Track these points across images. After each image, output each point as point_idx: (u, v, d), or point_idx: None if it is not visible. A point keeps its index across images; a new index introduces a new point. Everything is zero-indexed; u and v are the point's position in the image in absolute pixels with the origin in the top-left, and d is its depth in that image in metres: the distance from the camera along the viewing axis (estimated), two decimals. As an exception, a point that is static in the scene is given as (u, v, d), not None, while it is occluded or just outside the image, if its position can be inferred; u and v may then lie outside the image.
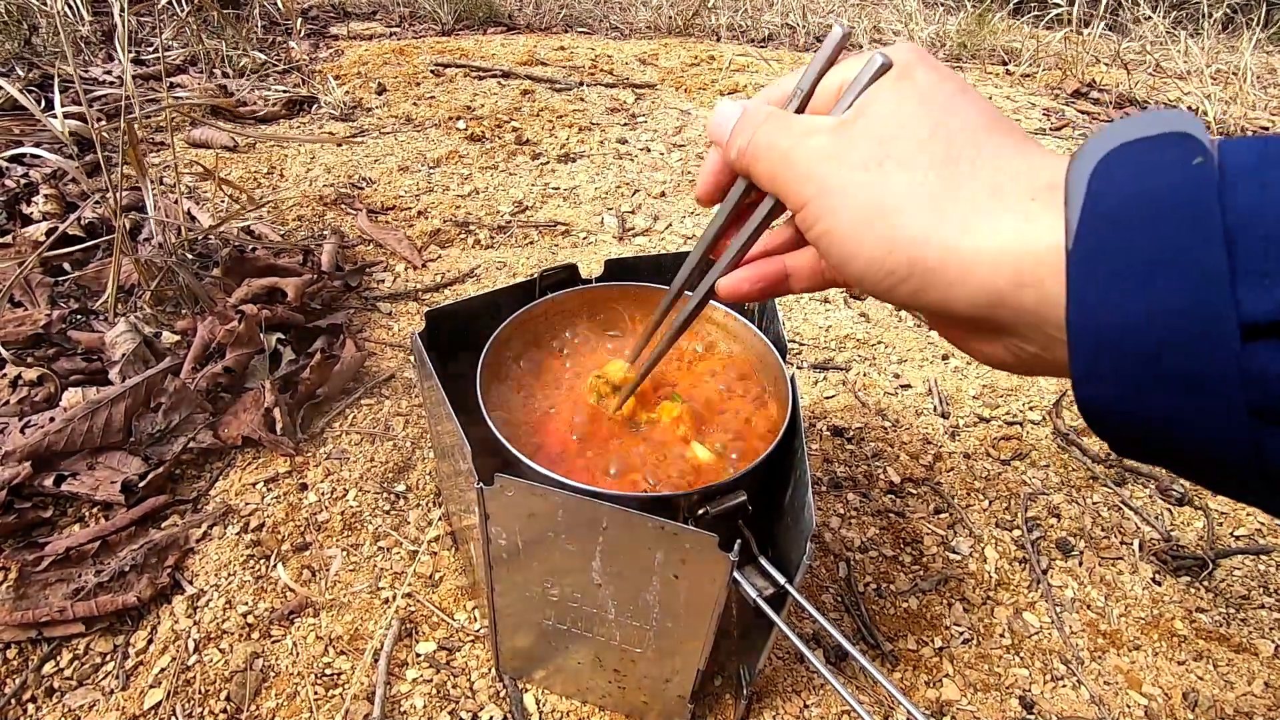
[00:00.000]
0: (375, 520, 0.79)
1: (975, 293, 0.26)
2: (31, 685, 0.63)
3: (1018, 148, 0.27)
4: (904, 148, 0.28)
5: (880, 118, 0.29)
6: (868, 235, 0.28)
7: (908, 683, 0.68)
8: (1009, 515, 0.86)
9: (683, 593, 0.49)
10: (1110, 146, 0.24)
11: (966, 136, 0.28)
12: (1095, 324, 0.22)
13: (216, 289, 1.05)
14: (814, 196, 0.30)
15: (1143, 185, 0.22)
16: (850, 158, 0.29)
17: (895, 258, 0.27)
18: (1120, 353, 0.22)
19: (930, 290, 0.27)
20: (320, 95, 1.87)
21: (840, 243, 0.29)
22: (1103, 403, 0.23)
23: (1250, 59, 2.51)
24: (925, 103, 0.29)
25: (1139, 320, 0.21)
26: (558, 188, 1.54)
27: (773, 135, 0.32)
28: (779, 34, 3.03)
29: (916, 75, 0.30)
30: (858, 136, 0.29)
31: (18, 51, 1.86)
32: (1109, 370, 0.22)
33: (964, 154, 0.27)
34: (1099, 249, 0.22)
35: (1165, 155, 0.22)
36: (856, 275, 0.29)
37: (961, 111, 0.28)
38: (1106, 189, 0.23)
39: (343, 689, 0.63)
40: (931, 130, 0.28)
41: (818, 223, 0.30)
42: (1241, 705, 0.67)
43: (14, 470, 0.75)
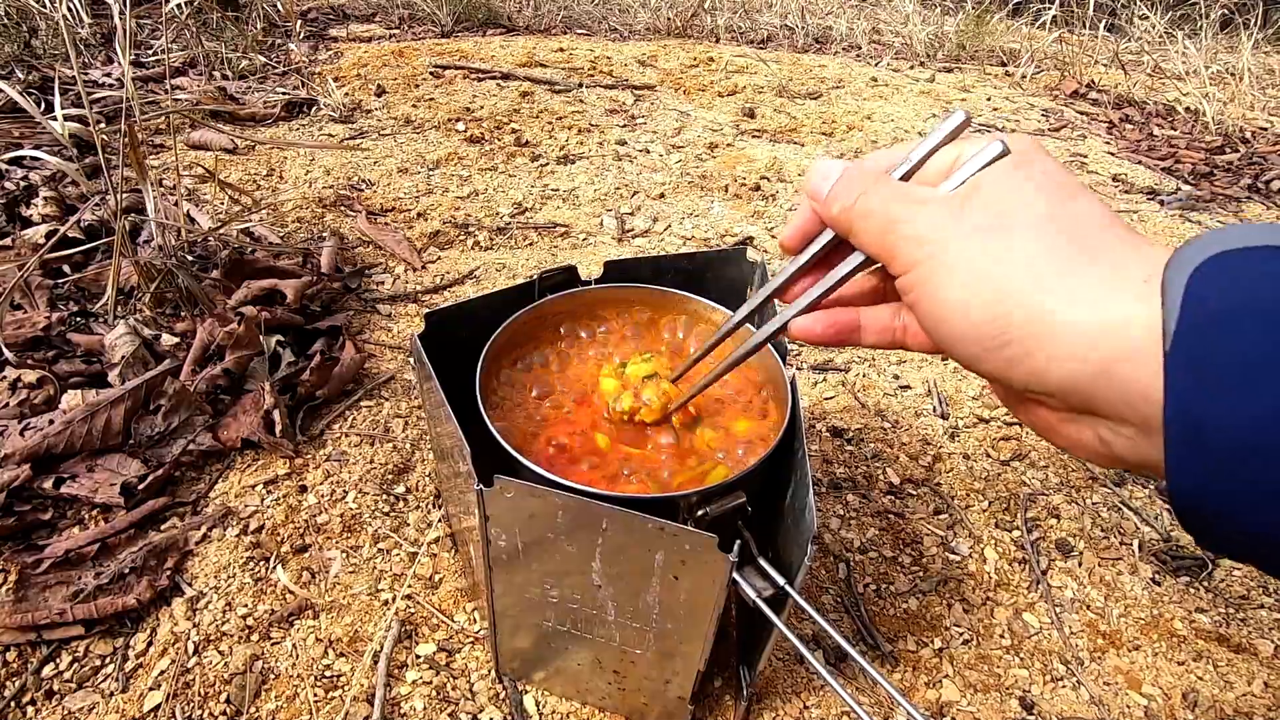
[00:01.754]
0: (375, 522, 0.79)
1: (1079, 364, 0.26)
2: (31, 688, 0.63)
3: (1132, 238, 0.28)
4: (1025, 222, 0.29)
5: (999, 195, 0.30)
6: (976, 300, 0.29)
7: (907, 683, 0.68)
8: (1008, 516, 0.86)
9: (683, 594, 0.49)
10: (1208, 254, 0.24)
11: (1086, 221, 0.28)
12: (1192, 422, 0.23)
13: (216, 291, 1.05)
14: (924, 259, 0.30)
15: (1240, 295, 0.23)
16: (968, 226, 0.30)
17: (1000, 322, 0.28)
18: (1218, 452, 0.22)
19: (1030, 359, 0.27)
20: (320, 97, 1.87)
21: (941, 306, 0.30)
22: (1198, 498, 0.24)
23: (1249, 59, 2.52)
24: (1044, 188, 0.30)
25: (1237, 423, 0.22)
26: (557, 189, 1.54)
27: (884, 201, 0.33)
28: (778, 35, 3.03)
29: (1035, 165, 0.30)
30: (977, 207, 0.30)
31: (17, 54, 1.86)
32: (1205, 467, 0.23)
33: (1085, 235, 0.28)
34: (1198, 352, 0.23)
35: (1262, 266, 0.23)
36: (954, 337, 0.30)
37: (1079, 200, 0.29)
38: (1204, 294, 0.23)
39: (342, 691, 0.63)
40: (1050, 212, 0.29)
41: (925, 284, 0.30)
42: (1241, 705, 0.67)
43: (13, 472, 0.75)
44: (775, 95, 2.21)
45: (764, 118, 2.03)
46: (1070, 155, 1.92)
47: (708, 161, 1.73)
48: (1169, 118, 2.28)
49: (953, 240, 0.30)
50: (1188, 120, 2.25)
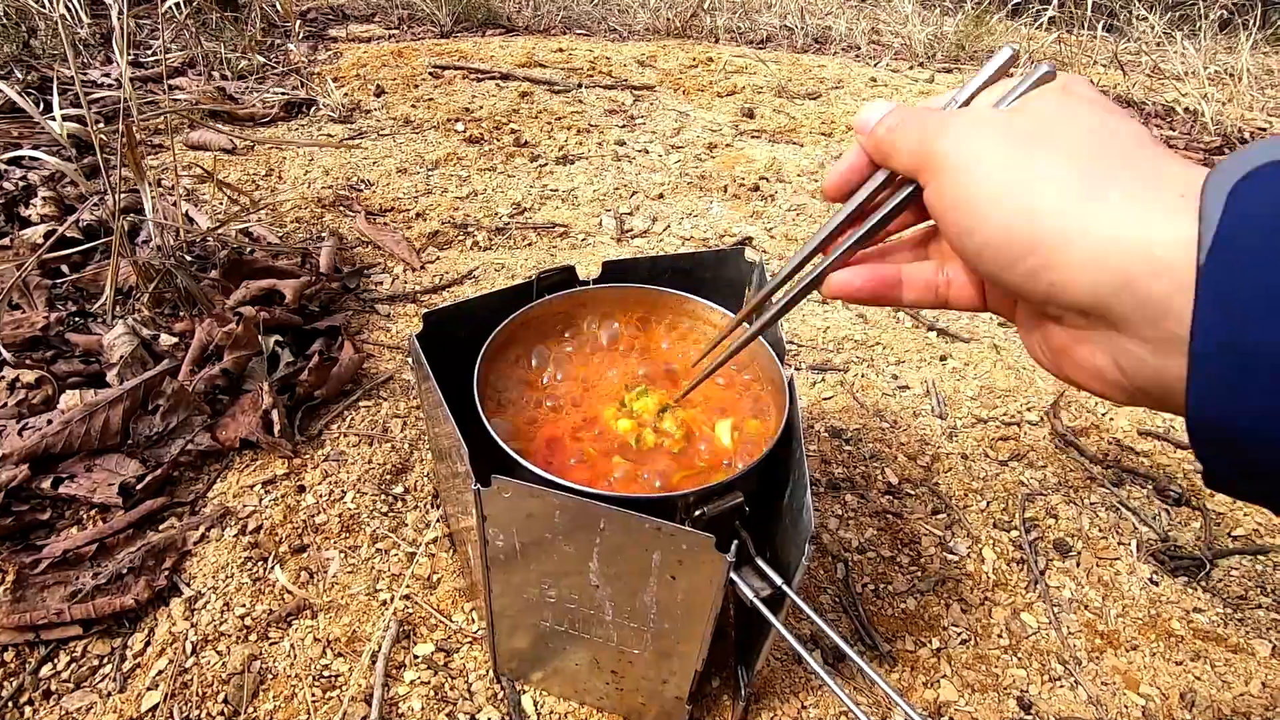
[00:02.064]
0: (373, 522, 0.79)
1: (1101, 275, 0.25)
2: (29, 688, 0.63)
3: (1174, 158, 0.27)
4: (1064, 134, 0.28)
5: (1045, 110, 0.29)
6: (1002, 206, 0.28)
7: (905, 683, 0.68)
8: (1007, 516, 0.86)
9: (680, 594, 0.49)
10: (1254, 165, 0.23)
11: (1127, 139, 0.28)
12: (1220, 343, 0.22)
13: (215, 291, 1.05)
14: (956, 163, 0.30)
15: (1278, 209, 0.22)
16: (1005, 133, 0.29)
17: (1026, 231, 0.27)
18: (1245, 375, 0.22)
19: (1052, 270, 0.27)
20: (319, 97, 1.87)
21: (971, 210, 0.29)
22: (1218, 421, 0.23)
23: (1247, 60, 2.52)
24: (1089, 110, 0.29)
25: (1268, 348, 0.21)
26: (556, 189, 1.54)
27: (924, 117, 0.32)
28: (777, 35, 3.03)
29: (1081, 90, 0.30)
30: (1018, 118, 0.30)
31: (16, 54, 1.86)
32: (1229, 390, 0.22)
33: (1123, 151, 0.27)
34: (1232, 267, 0.22)
35: None
36: (979, 245, 0.29)
37: (1122, 124, 0.28)
38: (1244, 210, 0.23)
39: (340, 691, 0.63)
40: (1095, 127, 0.28)
41: (954, 188, 0.30)
42: (1239, 705, 0.68)
43: (11, 472, 0.75)
44: (774, 95, 2.21)
45: (763, 118, 2.03)
46: (1069, 156, 1.92)
47: (707, 162, 1.73)
48: (1168, 118, 2.28)
49: (986, 143, 0.29)
50: (1186, 121, 2.25)
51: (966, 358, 1.13)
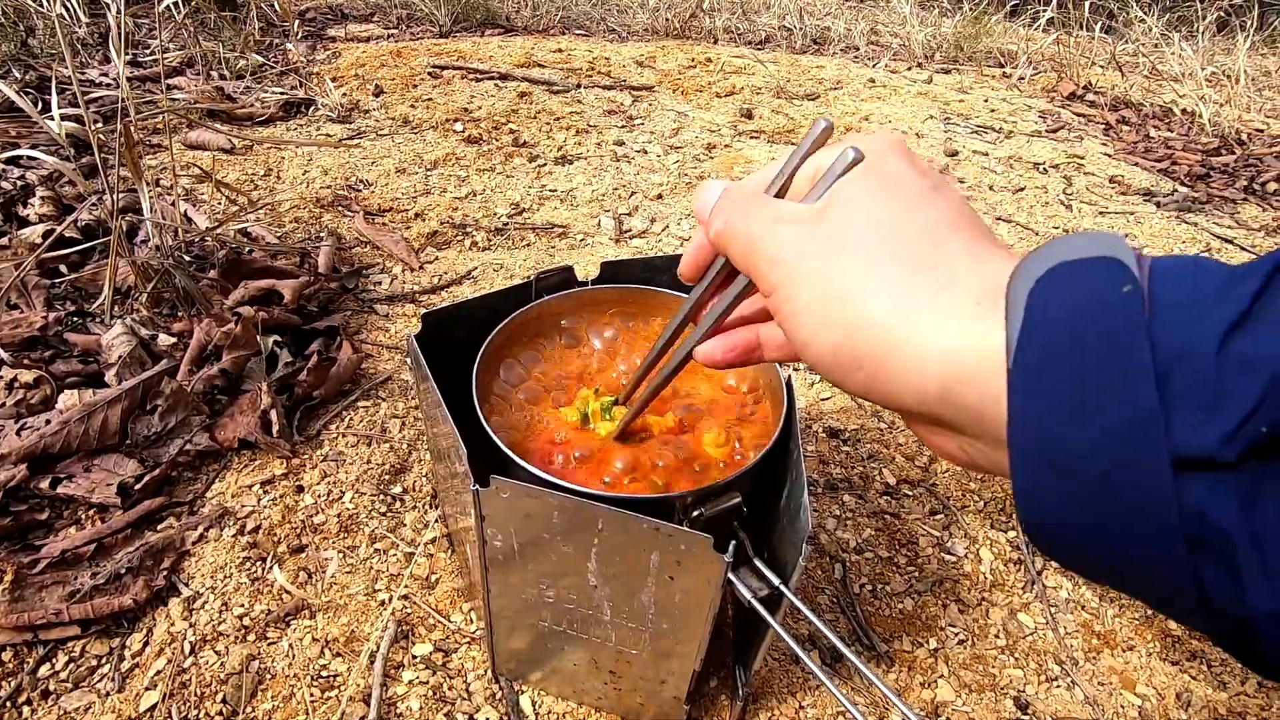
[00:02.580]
0: (372, 522, 0.79)
1: (920, 386, 0.26)
2: (27, 688, 0.63)
3: (976, 248, 0.28)
4: (862, 237, 0.29)
5: (845, 210, 0.30)
6: (823, 320, 0.29)
7: (903, 684, 0.68)
8: (1004, 516, 0.86)
9: (678, 594, 0.49)
10: (1047, 266, 0.24)
11: (927, 234, 0.28)
12: (1036, 444, 0.23)
13: (213, 291, 1.05)
14: (779, 282, 0.31)
15: (1077, 313, 0.23)
16: (813, 248, 0.30)
17: (846, 345, 0.28)
18: (1061, 476, 0.22)
19: (879, 382, 0.28)
20: (317, 97, 1.87)
21: (800, 327, 0.30)
22: (1045, 522, 0.24)
23: (1245, 62, 2.53)
24: (890, 197, 0.29)
25: (1079, 446, 0.22)
26: (555, 190, 1.54)
27: (747, 221, 0.33)
28: (776, 36, 3.04)
29: (887, 167, 0.30)
30: (822, 227, 0.30)
31: (14, 53, 1.85)
32: (1051, 491, 0.23)
33: (922, 251, 0.28)
34: (1037, 371, 0.23)
35: (1098, 282, 0.23)
36: (814, 360, 0.30)
37: (925, 209, 0.29)
38: (1042, 313, 0.23)
39: (339, 691, 0.63)
40: (892, 225, 0.29)
41: (783, 305, 0.31)
42: (1235, 705, 0.68)
43: (10, 472, 0.75)
44: (773, 96, 2.21)
45: (762, 118, 2.03)
46: (1067, 157, 1.93)
47: (705, 162, 1.73)
48: (1166, 119, 2.29)
49: (803, 262, 0.30)
50: (1184, 122, 2.26)
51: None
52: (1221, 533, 0.20)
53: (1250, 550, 0.19)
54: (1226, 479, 0.20)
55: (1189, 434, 0.20)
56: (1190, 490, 0.20)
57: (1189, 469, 0.20)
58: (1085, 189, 1.76)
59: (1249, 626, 0.20)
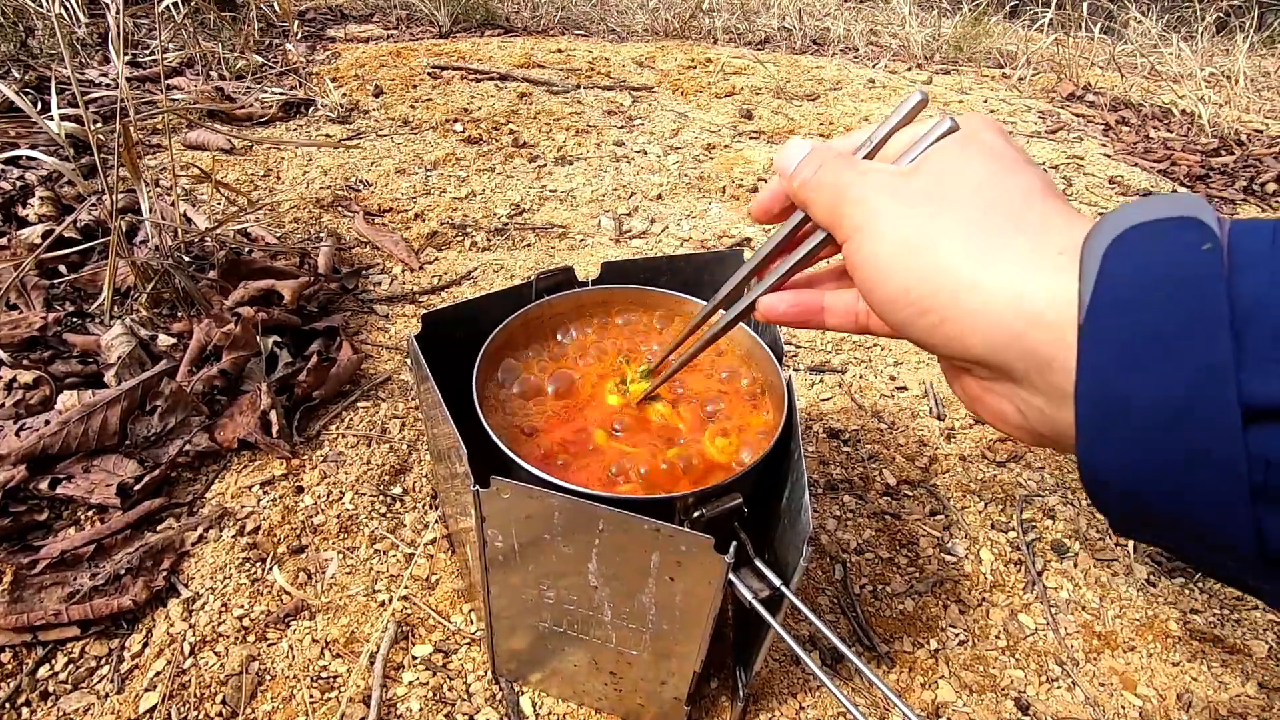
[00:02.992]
0: (371, 523, 0.79)
1: (992, 331, 0.27)
2: (26, 689, 0.62)
3: (1062, 212, 0.28)
4: (958, 193, 0.30)
5: (942, 167, 0.31)
6: (902, 263, 0.30)
7: (903, 684, 0.68)
8: (1004, 517, 0.86)
9: (678, 595, 0.49)
10: (1126, 225, 0.24)
11: (1020, 194, 0.29)
12: (1104, 395, 0.23)
13: (213, 291, 1.05)
14: (862, 224, 0.31)
15: (1155, 268, 0.23)
16: (905, 193, 0.31)
17: (923, 287, 0.29)
18: (1127, 427, 0.23)
19: (949, 324, 0.28)
20: (317, 97, 1.87)
21: (875, 269, 0.31)
22: (1108, 473, 0.24)
23: (1244, 62, 2.53)
24: (987, 160, 0.30)
25: (1148, 397, 0.22)
26: (555, 190, 1.54)
27: (838, 171, 0.34)
28: (775, 36, 3.04)
29: (983, 138, 0.31)
30: (919, 176, 0.31)
31: (14, 53, 1.85)
32: (1116, 442, 0.23)
33: (1013, 208, 0.28)
34: (1111, 323, 0.23)
35: (1177, 239, 0.23)
36: (882, 301, 0.31)
37: (1020, 174, 0.30)
38: (1119, 269, 0.24)
39: (339, 692, 0.63)
40: (988, 180, 0.29)
41: (861, 248, 0.32)
42: (1235, 706, 0.68)
43: (9, 473, 0.75)
44: (773, 97, 2.21)
45: (762, 119, 2.03)
46: (1067, 157, 1.93)
47: (705, 163, 1.73)
48: (1165, 120, 2.29)
49: (889, 206, 0.31)
50: (1184, 123, 2.26)
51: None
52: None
53: None
54: None
55: (1261, 382, 0.20)
56: (1259, 439, 0.20)
57: (1259, 419, 0.20)
58: (1085, 189, 1.76)
59: None
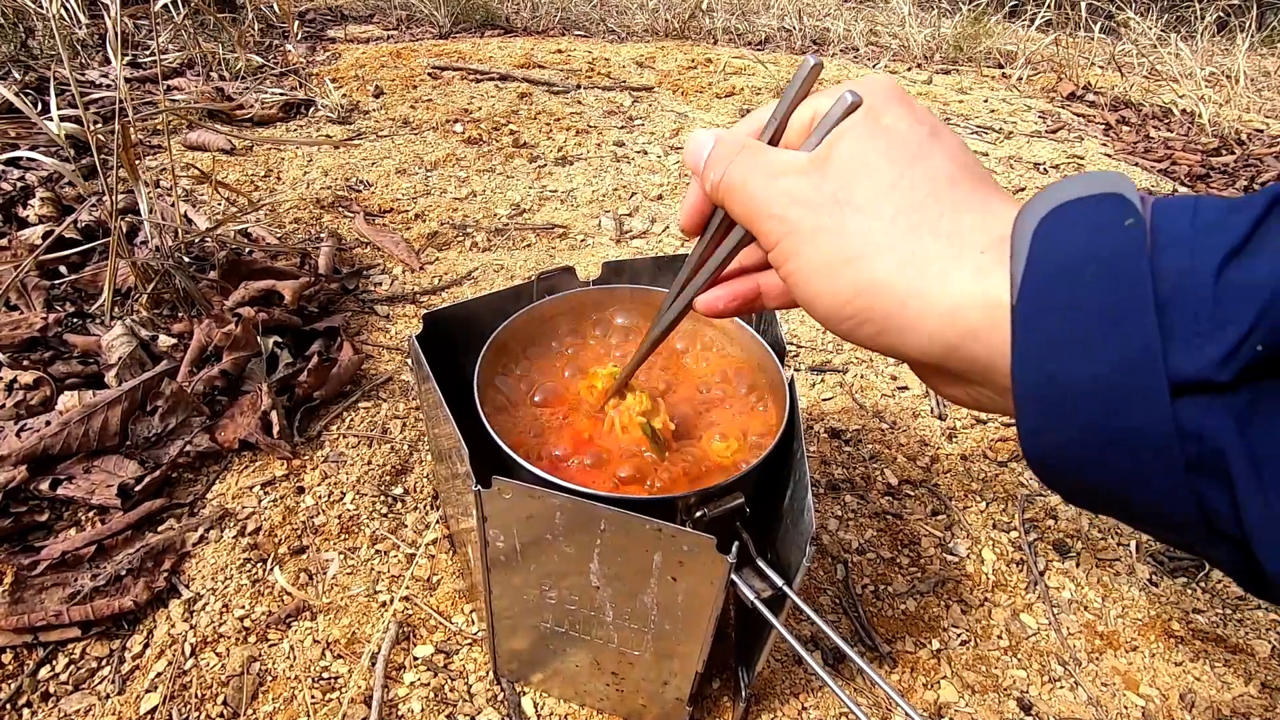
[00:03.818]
0: (373, 523, 0.79)
1: (929, 342, 0.27)
2: (27, 690, 0.62)
3: (977, 198, 0.28)
4: (866, 195, 0.29)
5: (845, 161, 0.30)
6: (830, 279, 0.29)
7: (905, 684, 0.68)
8: (1006, 517, 0.86)
9: (681, 595, 0.49)
10: (1052, 205, 0.25)
11: (929, 186, 0.28)
12: (1039, 382, 0.23)
13: (213, 292, 1.05)
14: (783, 237, 0.31)
15: (1079, 247, 0.23)
16: (815, 202, 0.30)
17: (856, 303, 0.29)
18: (1064, 411, 0.23)
19: (887, 335, 0.28)
20: (317, 98, 1.87)
21: (805, 284, 0.30)
22: (1050, 456, 0.24)
23: (1243, 62, 2.53)
24: (891, 148, 0.29)
25: (1080, 381, 0.22)
26: (555, 190, 1.54)
27: (745, 173, 0.32)
28: (775, 37, 3.04)
29: (886, 117, 0.30)
30: (823, 183, 0.30)
31: (14, 54, 1.85)
32: (1054, 426, 0.23)
33: (925, 204, 0.28)
34: (1041, 309, 0.23)
35: (1101, 217, 0.23)
36: (821, 315, 0.31)
37: (927, 159, 0.29)
38: (1046, 250, 0.24)
39: (340, 692, 0.63)
40: (895, 178, 0.29)
41: (786, 262, 0.31)
42: (1238, 706, 0.68)
43: (9, 474, 0.75)
44: (773, 97, 2.21)
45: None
46: (1067, 157, 1.93)
47: (706, 163, 1.73)
48: (1165, 120, 2.29)
49: (802, 219, 0.30)
50: (1184, 122, 2.26)
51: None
52: (1218, 453, 0.20)
53: (1246, 467, 0.20)
54: (1223, 401, 0.20)
55: (1186, 358, 0.20)
56: (1188, 414, 0.21)
57: (1186, 393, 0.21)
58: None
59: (1247, 545, 0.21)
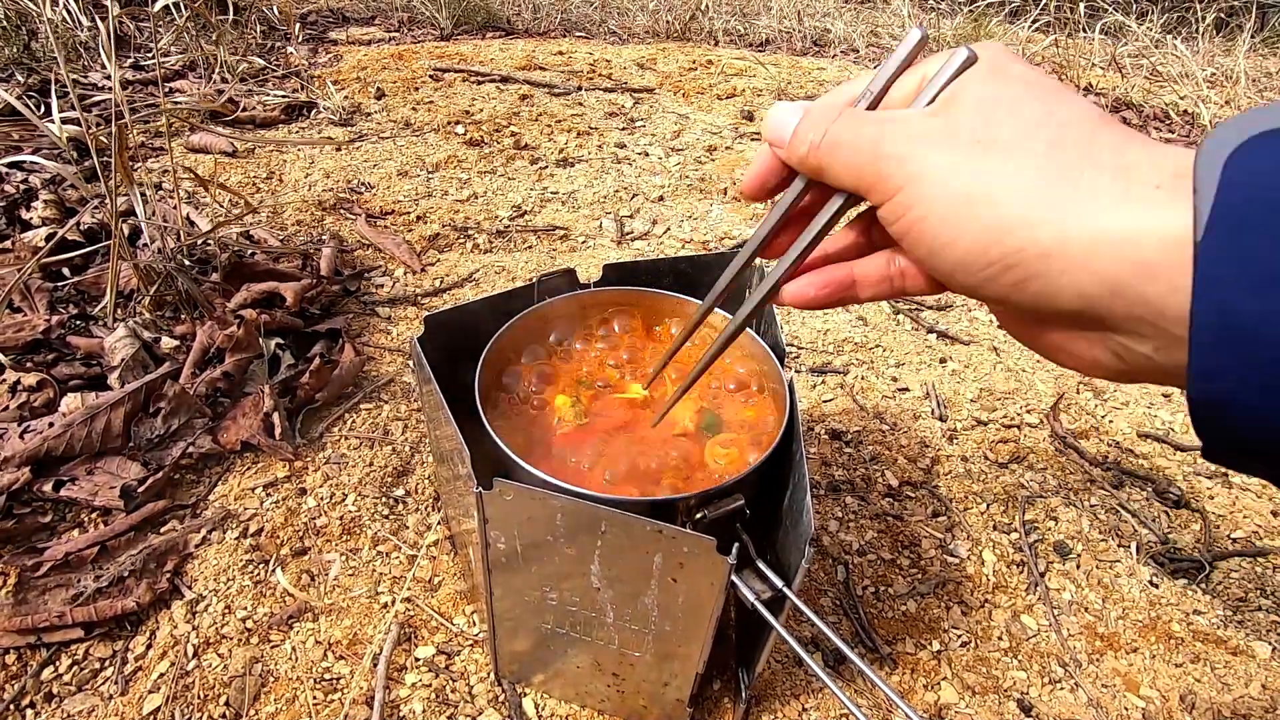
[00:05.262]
0: (374, 525, 0.79)
1: (1090, 283, 0.24)
2: (30, 691, 0.63)
3: (1133, 138, 0.26)
4: (1012, 131, 0.26)
5: (982, 102, 0.27)
6: (969, 222, 0.26)
7: (905, 686, 0.68)
8: (1006, 518, 0.86)
9: (681, 596, 0.49)
10: (1243, 137, 0.22)
11: (1079, 125, 0.26)
12: (1223, 318, 0.21)
13: (215, 294, 1.05)
14: (907, 182, 0.28)
15: (1277, 178, 0.21)
16: (951, 139, 0.27)
17: (1001, 245, 0.26)
18: (1248, 349, 0.21)
19: (1036, 280, 0.25)
20: (319, 100, 1.87)
21: (935, 232, 0.27)
22: (1221, 399, 0.22)
23: (1244, 62, 2.53)
24: (1030, 93, 0.27)
25: (1271, 320, 0.20)
26: (556, 192, 1.55)
27: (855, 126, 0.30)
28: (776, 38, 3.04)
29: (1012, 70, 0.28)
30: (959, 118, 0.27)
31: (16, 57, 1.86)
32: (1233, 366, 0.21)
33: (1080, 140, 0.25)
34: (1232, 242, 0.21)
35: None
36: (951, 265, 0.28)
37: (1069, 102, 0.27)
38: (1241, 180, 0.21)
39: (342, 693, 0.63)
40: (1043, 115, 0.26)
41: (910, 211, 0.28)
42: (1239, 707, 0.68)
43: (13, 475, 0.75)
44: (774, 98, 2.22)
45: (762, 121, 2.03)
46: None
47: (707, 164, 1.73)
48: (1166, 120, 2.29)
49: (937, 157, 0.27)
50: (1185, 123, 2.26)
51: (966, 360, 1.13)
52: None
53: None
54: None
55: None
56: None
57: None
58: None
59: None
